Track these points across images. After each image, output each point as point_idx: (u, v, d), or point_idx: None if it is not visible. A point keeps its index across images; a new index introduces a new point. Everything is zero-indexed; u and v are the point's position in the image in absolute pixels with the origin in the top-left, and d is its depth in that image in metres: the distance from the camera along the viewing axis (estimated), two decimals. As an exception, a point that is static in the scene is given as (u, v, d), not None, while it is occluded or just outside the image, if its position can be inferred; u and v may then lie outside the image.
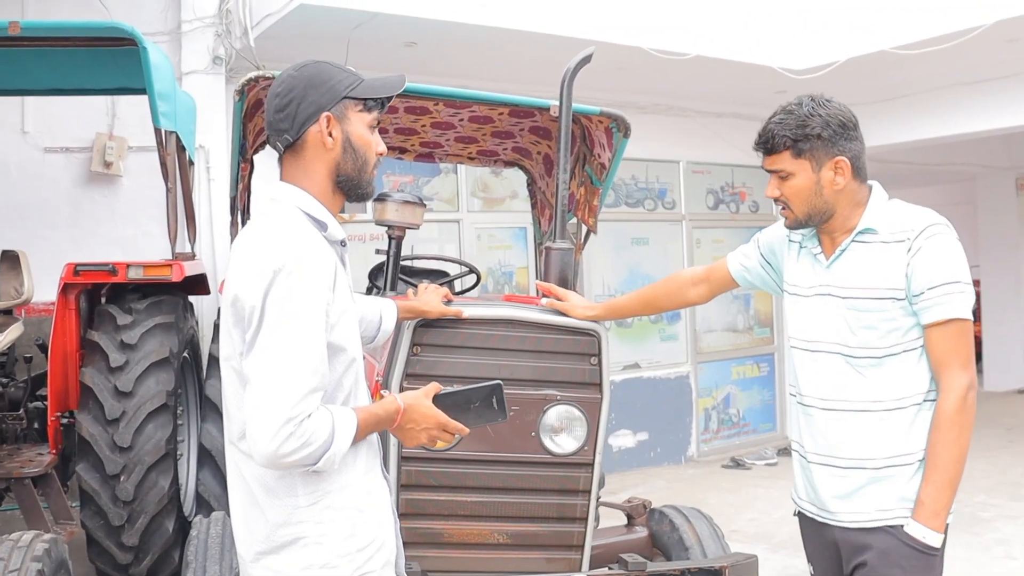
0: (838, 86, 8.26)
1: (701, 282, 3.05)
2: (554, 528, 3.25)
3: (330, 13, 6.06)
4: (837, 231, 2.56)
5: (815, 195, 2.51)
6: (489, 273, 8.45)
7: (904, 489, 2.45)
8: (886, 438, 2.46)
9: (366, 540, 2.12)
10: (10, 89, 5.37)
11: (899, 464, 2.46)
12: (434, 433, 2.20)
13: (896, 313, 2.44)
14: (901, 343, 2.46)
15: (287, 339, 1.93)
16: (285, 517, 2.06)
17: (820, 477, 2.58)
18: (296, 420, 1.91)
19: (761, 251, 2.86)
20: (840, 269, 2.54)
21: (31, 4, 6.49)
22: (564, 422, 3.23)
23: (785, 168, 2.53)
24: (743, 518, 7.05)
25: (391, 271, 4.44)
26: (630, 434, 8.99)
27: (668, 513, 3.87)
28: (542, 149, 5.11)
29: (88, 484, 4.46)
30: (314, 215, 2.12)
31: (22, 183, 6.71)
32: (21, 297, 5.34)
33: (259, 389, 1.93)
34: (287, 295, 1.94)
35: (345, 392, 2.12)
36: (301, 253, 1.99)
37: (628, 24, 7.03)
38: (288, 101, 2.11)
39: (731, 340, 9.93)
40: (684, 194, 9.61)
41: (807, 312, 2.61)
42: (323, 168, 2.14)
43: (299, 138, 2.12)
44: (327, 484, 2.07)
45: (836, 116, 2.48)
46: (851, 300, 2.49)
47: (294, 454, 1.92)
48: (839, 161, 2.48)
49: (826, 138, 2.47)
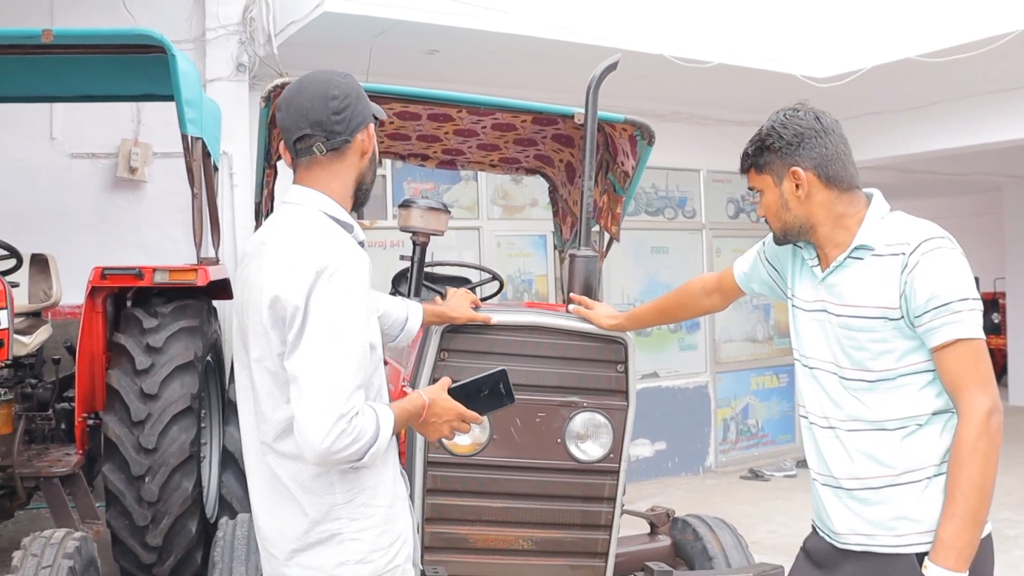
0: (862, 95, 8.27)
1: (714, 291, 2.99)
2: (579, 535, 3.25)
3: (353, 21, 6.09)
4: (827, 245, 2.41)
5: (783, 209, 2.43)
6: (509, 281, 8.45)
7: (912, 511, 2.25)
8: (889, 452, 2.28)
9: (395, 535, 2.20)
10: (41, 96, 5.43)
11: (904, 483, 2.27)
12: (455, 424, 2.28)
13: (889, 334, 2.26)
14: (895, 368, 2.27)
15: (334, 338, 1.98)
16: (323, 514, 2.11)
17: (824, 496, 2.43)
18: (347, 417, 1.96)
19: (767, 257, 2.73)
20: (833, 285, 2.39)
21: (59, 12, 6.56)
22: (590, 429, 3.24)
23: (755, 185, 2.51)
24: (762, 530, 7.00)
25: (415, 277, 4.45)
26: (648, 443, 8.96)
27: (691, 522, 3.87)
28: (564, 157, 5.11)
29: (114, 484, 4.52)
30: (339, 218, 2.18)
31: (50, 189, 6.78)
32: (50, 300, 5.39)
33: (309, 388, 1.97)
34: (331, 295, 1.99)
35: (375, 389, 2.18)
36: (341, 255, 2.04)
37: (650, 32, 7.03)
38: (346, 105, 2.16)
39: (750, 350, 9.88)
40: (704, 203, 9.60)
41: (805, 327, 2.48)
42: (353, 174, 2.23)
43: (347, 142, 2.17)
44: (363, 481, 2.13)
45: (794, 126, 2.39)
46: (843, 319, 2.34)
47: (345, 450, 1.97)
48: (794, 171, 2.37)
49: (778, 149, 2.40)
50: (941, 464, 2.25)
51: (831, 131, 2.40)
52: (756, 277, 2.79)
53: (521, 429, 3.18)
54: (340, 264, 2.02)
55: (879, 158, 9.43)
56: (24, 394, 4.89)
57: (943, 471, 2.24)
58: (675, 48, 7.13)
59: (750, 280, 2.82)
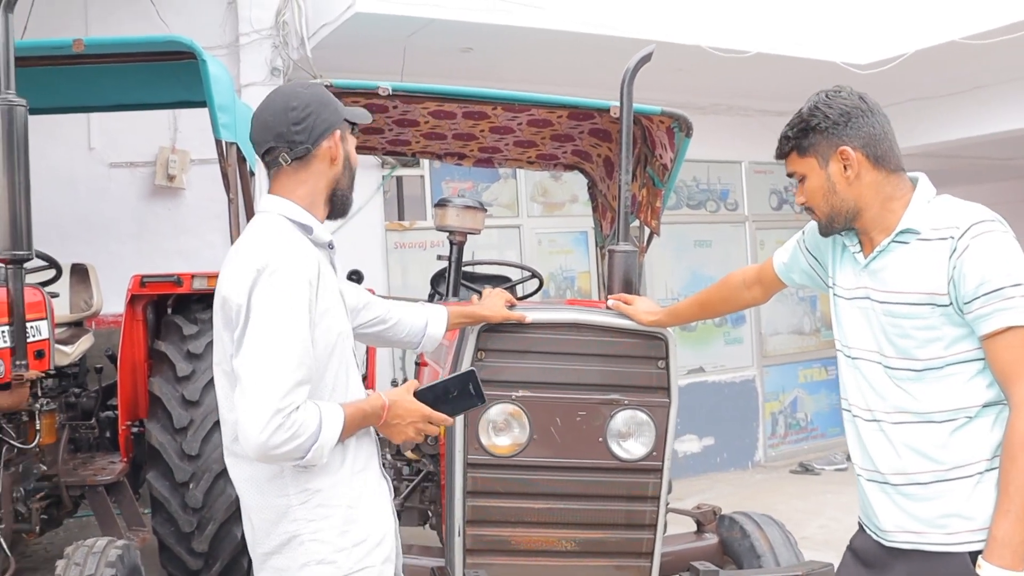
0: (905, 80, 8.09)
1: (754, 284, 2.90)
2: (623, 535, 3.20)
3: (386, 21, 6.07)
4: (872, 230, 2.32)
5: (831, 192, 2.32)
6: (551, 278, 8.40)
7: (964, 507, 2.16)
8: (935, 447, 2.19)
9: (361, 535, 2.19)
10: (76, 106, 5.46)
11: (954, 478, 2.18)
12: (420, 426, 2.27)
13: (936, 321, 2.17)
14: (944, 356, 2.18)
15: (272, 333, 2.01)
16: (280, 516, 2.14)
17: (870, 491, 2.35)
18: (285, 411, 1.97)
19: (806, 246, 2.65)
20: (877, 271, 2.30)
21: (94, 21, 6.63)
22: (632, 427, 3.18)
23: (797, 170, 2.40)
24: (813, 525, 6.88)
25: (453, 277, 4.43)
26: (696, 439, 8.86)
27: (739, 519, 3.78)
28: (602, 151, 5.06)
29: (158, 491, 4.52)
30: (299, 220, 2.21)
31: (89, 198, 6.85)
32: (91, 309, 5.43)
33: (247, 383, 2.00)
34: (271, 292, 2.02)
35: (329, 388, 2.18)
36: (282, 252, 2.07)
37: (686, 23, 6.94)
38: (307, 115, 2.21)
39: (797, 343, 9.73)
40: (747, 195, 9.47)
41: (847, 316, 2.39)
42: (323, 181, 2.26)
43: (311, 151, 2.22)
44: (316, 483, 2.14)
45: (839, 106, 2.30)
46: (887, 305, 2.25)
47: (284, 445, 1.97)
48: (843, 151, 2.28)
49: (824, 129, 2.30)
50: (993, 459, 2.15)
51: (876, 110, 2.32)
52: (796, 267, 2.70)
53: (561, 428, 3.13)
54: (280, 262, 2.05)
55: (924, 144, 9.22)
56: (68, 403, 4.94)
57: (995, 466, 2.15)
58: (712, 39, 7.03)
59: (790, 271, 2.73)
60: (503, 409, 3.09)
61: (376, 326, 2.74)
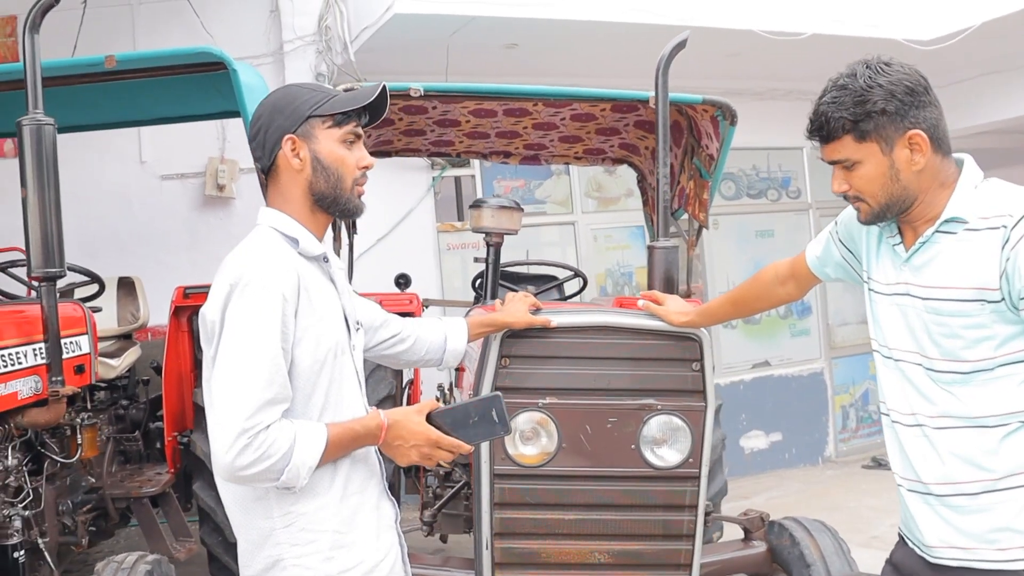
0: (974, 54, 7.71)
1: (788, 279, 2.69)
2: (660, 546, 3.07)
3: (425, 20, 6.02)
4: (919, 219, 2.11)
5: (892, 181, 2.06)
6: (607, 275, 8.27)
7: (1017, 520, 1.99)
8: (984, 453, 2.02)
9: (350, 562, 2.08)
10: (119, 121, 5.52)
11: (1005, 488, 2.01)
12: (425, 451, 2.11)
13: (987, 319, 1.97)
14: (995, 357, 1.99)
15: (241, 351, 1.93)
16: (263, 539, 2.06)
17: (911, 502, 2.16)
18: (251, 431, 1.89)
19: (840, 238, 2.43)
20: (920, 264, 2.10)
21: (141, 35, 6.73)
22: (666, 433, 3.05)
23: (850, 156, 2.09)
24: (885, 524, 6.61)
25: (491, 278, 4.35)
26: (763, 435, 8.63)
27: (788, 526, 3.60)
28: (649, 144, 4.94)
29: (204, 501, 4.53)
30: (286, 232, 2.11)
31: (142, 211, 6.97)
32: (137, 322, 5.49)
33: (217, 401, 1.93)
34: (241, 307, 1.94)
35: (318, 409, 2.07)
36: (256, 266, 1.98)
37: (736, 7, 6.72)
38: (257, 129, 2.15)
39: (867, 333, 9.21)
40: (809, 181, 9.15)
41: (885, 313, 2.20)
42: (297, 189, 2.14)
43: (272, 164, 2.14)
44: (301, 506, 2.04)
45: (901, 82, 2.02)
46: (930, 302, 2.06)
47: (252, 467, 1.89)
48: (913, 135, 2.03)
49: (892, 111, 2.01)
50: None
51: (930, 85, 2.07)
52: (830, 260, 2.50)
53: (592, 436, 3.02)
54: (254, 276, 1.95)
55: (993, 122, 8.78)
56: (117, 415, 4.98)
57: None
58: (764, 21, 6.80)
59: (824, 264, 2.53)
60: (530, 417, 2.98)
61: (396, 346, 2.63)
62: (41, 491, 3.86)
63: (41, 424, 3.71)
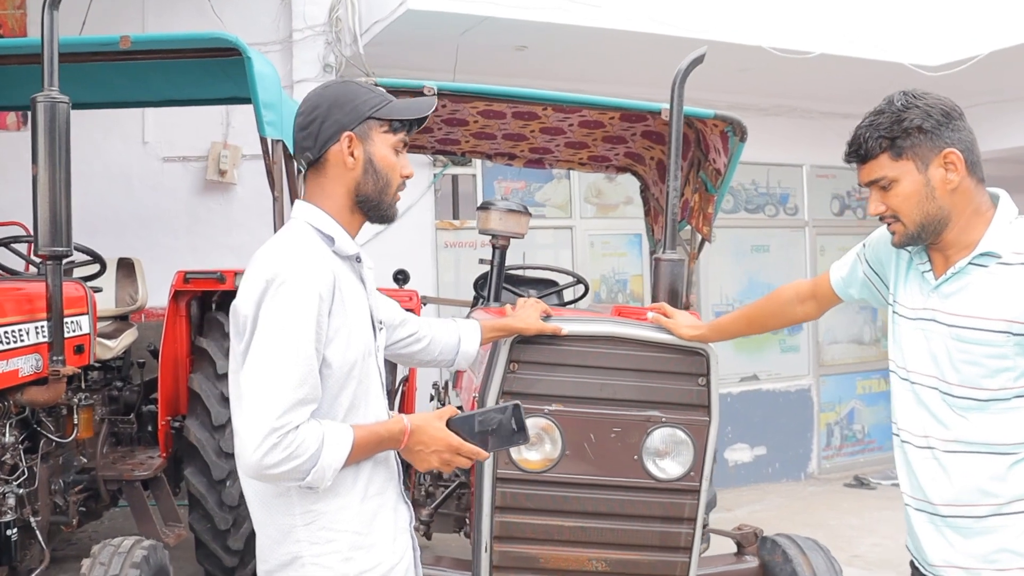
0: (978, 83, 7.76)
1: (808, 298, 2.73)
2: (657, 557, 3.07)
3: (438, 18, 6.01)
4: (951, 247, 2.17)
5: (927, 200, 2.14)
6: (602, 281, 8.29)
7: (1017, 543, 2.08)
8: (992, 479, 2.10)
9: (368, 564, 2.08)
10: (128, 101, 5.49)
11: (1010, 512, 2.08)
12: (446, 456, 2.12)
13: (1011, 350, 2.05)
14: (1012, 388, 2.06)
15: (274, 349, 1.91)
16: (282, 535, 2.05)
17: (917, 522, 2.23)
18: (281, 431, 1.88)
19: (867, 260, 2.50)
20: (949, 292, 2.17)
21: (151, 17, 6.69)
22: (669, 446, 3.05)
23: (886, 174, 2.16)
24: (866, 542, 6.67)
25: (495, 281, 4.34)
26: (747, 448, 8.67)
27: (781, 542, 3.63)
28: (655, 154, 4.95)
29: (196, 488, 4.53)
30: (323, 230, 2.10)
31: (143, 192, 6.92)
32: (136, 304, 5.46)
33: (246, 399, 1.92)
34: (277, 305, 1.93)
35: (344, 409, 2.06)
36: (294, 263, 1.96)
37: (748, 23, 6.75)
38: (311, 120, 2.11)
39: (856, 352, 9.47)
40: (807, 199, 9.22)
41: (907, 337, 2.26)
42: (342, 187, 2.13)
43: (321, 156, 2.11)
44: (323, 505, 2.04)
45: (936, 105, 2.13)
46: (956, 329, 2.12)
47: (279, 466, 1.89)
48: (948, 154, 2.11)
49: (928, 129, 2.11)
50: None
51: (964, 114, 2.17)
52: (855, 282, 2.55)
53: (595, 445, 3.02)
54: (291, 274, 1.94)
55: (998, 150, 8.84)
56: (111, 397, 4.96)
57: None
58: (775, 39, 6.83)
59: (848, 285, 2.58)
60: (535, 423, 2.98)
61: (412, 345, 2.63)
62: (36, 470, 3.84)
63: (40, 403, 3.69)
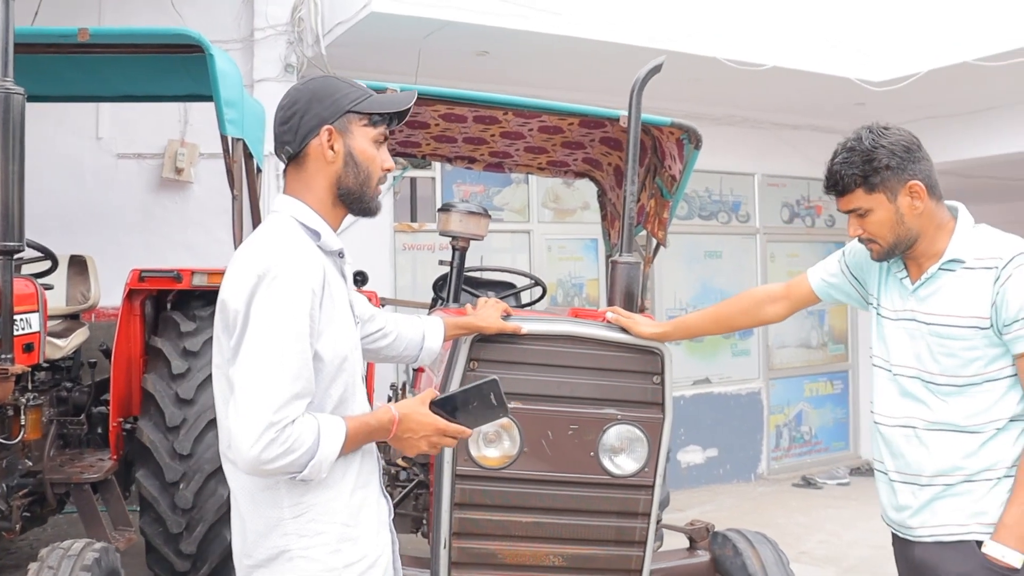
0: (918, 98, 8.03)
1: (780, 299, 2.96)
2: (612, 551, 3.13)
3: (401, 21, 6.03)
4: (923, 256, 2.55)
5: (898, 224, 2.51)
6: (559, 285, 8.36)
7: (979, 504, 2.44)
8: (965, 456, 2.45)
9: (354, 556, 2.09)
10: (84, 95, 5.42)
11: (977, 479, 2.45)
12: (434, 439, 2.15)
13: (979, 343, 2.43)
14: (983, 373, 2.44)
15: (269, 344, 1.92)
16: (269, 529, 2.05)
17: (902, 493, 2.57)
18: (278, 425, 1.89)
19: (848, 267, 2.82)
20: (925, 295, 2.54)
21: (108, 11, 6.61)
22: (624, 442, 3.12)
23: (861, 205, 2.53)
24: (812, 539, 6.82)
25: (454, 282, 4.38)
26: (699, 450, 8.81)
27: (731, 537, 3.71)
28: (613, 160, 5.01)
29: (148, 491, 4.43)
30: (308, 225, 2.12)
31: (96, 189, 6.81)
32: (88, 302, 5.36)
33: (241, 395, 1.92)
34: (270, 299, 1.94)
35: (333, 402, 2.08)
36: (285, 258, 1.98)
37: (703, 34, 6.88)
38: (292, 114, 2.13)
39: (804, 356, 9.69)
40: (759, 207, 9.42)
41: (892, 335, 2.61)
42: (324, 181, 2.15)
43: (301, 150, 2.13)
44: (312, 497, 2.05)
45: (899, 143, 2.49)
46: (935, 327, 2.49)
47: (277, 460, 1.90)
48: (913, 186, 2.48)
49: (894, 167, 2.47)
50: (1012, 467, 2.43)
51: (921, 144, 2.53)
52: (839, 287, 2.86)
53: (553, 441, 3.07)
54: (283, 269, 1.95)
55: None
56: (59, 398, 4.83)
57: (1011, 473, 2.42)
58: (728, 51, 6.98)
59: (831, 288, 2.88)
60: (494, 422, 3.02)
61: (379, 340, 2.65)
62: (-23, 472, 3.72)
63: None
